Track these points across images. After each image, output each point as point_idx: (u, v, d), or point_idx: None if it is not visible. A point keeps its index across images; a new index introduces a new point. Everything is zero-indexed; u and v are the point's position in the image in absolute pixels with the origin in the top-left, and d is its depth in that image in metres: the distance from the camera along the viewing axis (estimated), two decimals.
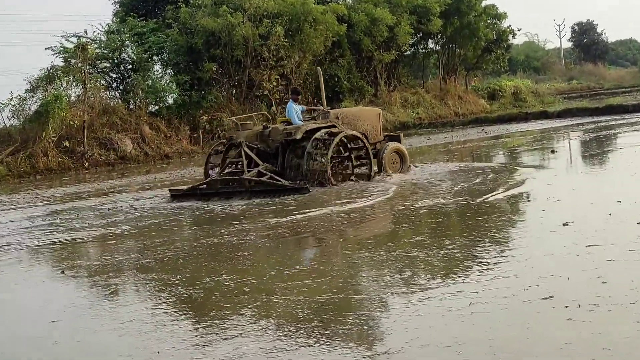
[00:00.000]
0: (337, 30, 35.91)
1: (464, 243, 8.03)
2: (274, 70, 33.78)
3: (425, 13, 41.59)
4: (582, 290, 5.70)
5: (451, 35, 45.40)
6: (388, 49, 40.68)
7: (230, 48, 32.71)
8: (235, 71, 34.11)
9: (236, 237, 9.83)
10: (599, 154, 16.88)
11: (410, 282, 6.66)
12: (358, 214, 11.05)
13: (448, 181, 13.95)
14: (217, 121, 31.95)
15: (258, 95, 33.92)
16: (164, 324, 6.13)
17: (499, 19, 47.53)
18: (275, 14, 33.53)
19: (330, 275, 7.14)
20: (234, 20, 31.93)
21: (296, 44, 34.41)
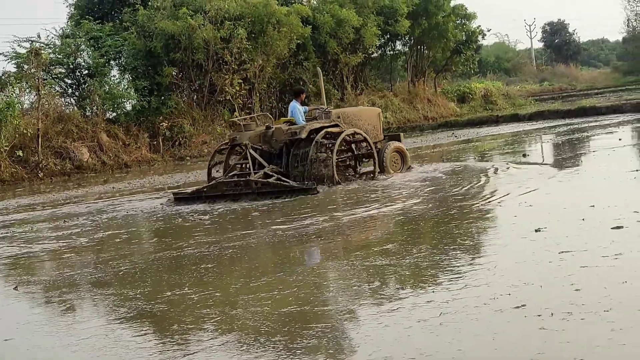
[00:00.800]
0: (301, 32, 35.89)
1: (435, 251, 8.04)
2: (237, 75, 33.70)
3: (392, 14, 41.73)
4: (555, 298, 5.71)
5: (419, 36, 45.59)
6: (354, 51, 40.75)
7: (190, 52, 32.62)
8: (196, 76, 34.02)
9: (198, 249, 9.78)
10: (572, 157, 17.02)
11: (378, 292, 6.66)
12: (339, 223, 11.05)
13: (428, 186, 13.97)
14: (178, 128, 31.82)
15: (220, 101, 33.83)
16: (123, 339, 6.08)
17: (468, 19, 47.81)
18: (238, 16, 33.47)
19: (296, 286, 7.12)
20: (194, 23, 31.84)
21: (259, 47, 34.36)
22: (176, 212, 14.05)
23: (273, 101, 37.57)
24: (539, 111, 33.71)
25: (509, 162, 16.68)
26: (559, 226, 8.60)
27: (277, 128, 16.03)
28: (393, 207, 11.83)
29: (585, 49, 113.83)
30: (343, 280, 7.32)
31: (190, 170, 24.57)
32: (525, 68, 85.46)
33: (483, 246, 8.24)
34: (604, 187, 11.61)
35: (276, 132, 15.87)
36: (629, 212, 8.53)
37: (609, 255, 6.75)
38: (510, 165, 16.19)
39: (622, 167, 13.27)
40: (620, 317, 5.11)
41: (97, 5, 38.15)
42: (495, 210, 10.70)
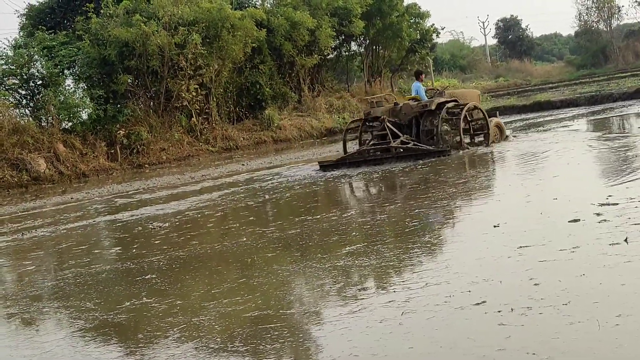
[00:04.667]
0: (256, 35, 35.83)
1: (396, 249, 8.06)
2: (193, 80, 33.55)
3: (346, 15, 41.84)
4: (514, 293, 5.75)
5: (374, 36, 45.78)
6: (310, 53, 40.79)
7: (145, 59, 32.42)
8: (152, 82, 33.82)
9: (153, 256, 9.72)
10: (530, 152, 17.16)
11: (341, 294, 6.66)
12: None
13: None
14: (135, 135, 31.57)
15: (177, 107, 33.66)
16: (84, 351, 6.02)
17: (422, 18, 48.11)
18: (191, 22, 33.32)
19: (259, 291, 7.11)
20: (148, 30, 31.65)
21: (214, 52, 34.24)
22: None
23: (230, 105, 37.50)
24: (495, 107, 33.87)
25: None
26: (518, 221, 8.65)
27: (405, 104, 19.10)
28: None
29: (539, 44, 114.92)
30: (307, 281, 7.32)
31: (150, 178, 24.42)
32: (480, 65, 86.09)
33: (443, 244, 8.27)
34: (564, 181, 11.69)
35: (404, 107, 18.86)
36: (586, 205, 8.61)
37: (566, 249, 6.80)
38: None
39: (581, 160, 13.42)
40: (578, 310, 5.16)
41: (49, 15, 37.86)
42: (455, 206, 10.74)
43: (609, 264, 6.11)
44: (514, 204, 10.20)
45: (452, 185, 12.72)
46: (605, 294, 5.41)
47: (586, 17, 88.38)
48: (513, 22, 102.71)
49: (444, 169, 15.51)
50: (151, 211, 15.05)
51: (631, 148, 14.55)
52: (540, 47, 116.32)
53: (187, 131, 34.21)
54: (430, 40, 49.95)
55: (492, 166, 15.83)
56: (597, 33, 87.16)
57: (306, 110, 40.74)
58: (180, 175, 23.85)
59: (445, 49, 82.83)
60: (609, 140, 16.09)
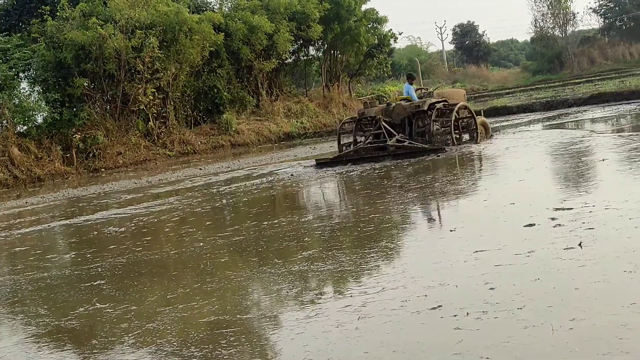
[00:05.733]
0: (214, 39, 35.73)
1: (353, 254, 8.06)
2: (150, 84, 33.37)
3: (304, 19, 41.86)
4: (470, 297, 5.78)
5: (332, 41, 45.83)
6: (268, 57, 40.76)
7: (102, 62, 32.19)
8: (109, 86, 33.57)
9: (108, 261, 9.64)
10: (487, 155, 17.29)
11: (298, 299, 6.65)
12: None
13: None
14: (91, 139, 31.31)
15: (134, 110, 33.45)
16: (37, 357, 5.95)
17: (380, 23, 48.24)
18: (149, 25, 33.14)
19: (216, 296, 7.07)
20: (104, 33, 31.44)
21: (172, 55, 34.07)
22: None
23: (188, 109, 37.35)
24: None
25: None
26: (475, 225, 8.71)
27: (397, 104, 19.81)
28: None
29: (495, 49, 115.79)
30: (264, 286, 7.30)
31: (106, 182, 24.21)
32: (437, 70, 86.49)
33: (401, 248, 8.29)
34: (521, 185, 11.79)
35: (397, 107, 19.58)
36: (542, 210, 8.69)
37: (521, 253, 6.85)
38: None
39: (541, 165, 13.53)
40: (532, 314, 5.20)
41: (4, 17, 37.39)
42: (411, 211, 10.78)
43: (563, 269, 6.17)
44: (472, 208, 10.26)
45: (416, 189, 12.76)
46: (559, 298, 5.46)
47: (542, 24, 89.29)
48: (470, 28, 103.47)
49: (420, 169, 15.67)
50: (107, 216, 14.92)
51: (589, 153, 14.73)
52: (497, 53, 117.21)
53: (144, 135, 34.00)
54: (388, 45, 50.08)
55: (465, 167, 15.87)
56: (553, 39, 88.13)
57: (264, 115, 40.70)
58: (137, 179, 23.68)
59: (403, 54, 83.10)
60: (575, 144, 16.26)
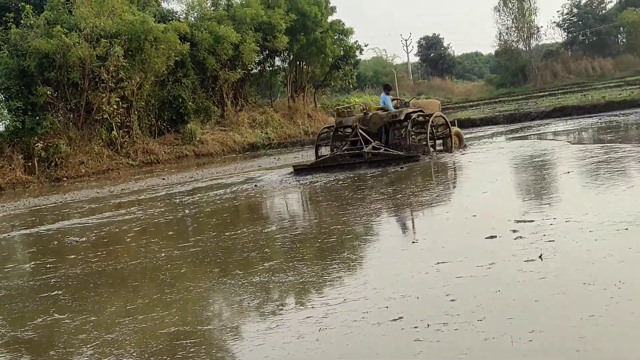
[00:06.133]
0: (179, 49, 35.67)
1: (315, 265, 8.04)
2: (114, 93, 33.21)
3: (270, 30, 41.91)
4: (431, 309, 5.78)
5: (298, 52, 45.94)
6: (234, 67, 40.75)
7: (65, 70, 31.96)
8: (72, 95, 33.32)
9: (67, 271, 9.53)
10: (457, 166, 17.40)
11: (259, 310, 6.61)
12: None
13: None
14: (54, 148, 31.05)
15: (97, 120, 33.25)
16: None
17: (346, 35, 48.45)
18: (114, 34, 32.99)
19: (176, 307, 7.01)
20: (69, 41, 31.23)
21: (137, 65, 33.94)
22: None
23: (152, 119, 37.20)
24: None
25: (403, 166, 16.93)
26: (437, 237, 8.73)
27: (374, 113, 20.36)
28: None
29: (460, 62, 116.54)
30: (226, 297, 7.26)
31: (68, 191, 23.99)
32: (402, 82, 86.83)
33: (363, 260, 8.27)
34: (483, 196, 11.84)
35: (374, 117, 20.14)
36: (503, 222, 8.73)
37: (482, 265, 6.87)
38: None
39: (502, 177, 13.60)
40: (492, 326, 5.21)
41: None
42: (374, 223, 10.77)
43: (523, 281, 6.19)
44: (435, 220, 10.29)
45: (380, 200, 12.78)
46: (519, 310, 5.48)
47: (506, 37, 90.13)
48: (435, 40, 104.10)
49: (386, 179, 15.72)
50: (68, 225, 14.78)
51: (555, 165, 14.85)
52: (461, 66, 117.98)
53: (107, 144, 33.80)
54: (353, 56, 50.30)
55: (433, 178, 15.90)
56: (517, 53, 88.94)
57: (229, 125, 40.66)
58: (99, 189, 23.51)
59: (369, 65, 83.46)
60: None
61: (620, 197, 9.64)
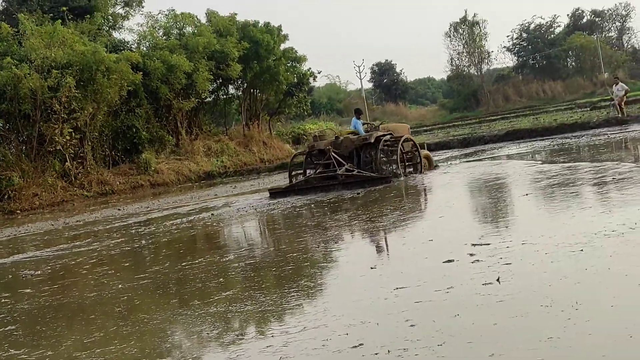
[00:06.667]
0: (132, 79, 35.56)
1: (274, 294, 8.02)
2: (67, 124, 32.95)
3: (223, 58, 41.95)
4: (391, 335, 5.79)
5: (252, 80, 46.02)
6: (187, 96, 40.71)
7: (17, 102, 31.70)
8: (24, 126, 33.03)
9: (22, 305, 9.40)
10: (422, 188, 17.53)
11: (219, 340, 6.57)
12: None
13: None
14: (6, 181, 30.67)
15: (51, 151, 32.92)
16: None
17: (299, 62, 48.67)
18: (65, 64, 32.80)
19: (134, 339, 6.94)
20: (19, 73, 31.00)
21: (89, 95, 33.76)
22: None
23: (106, 149, 36.97)
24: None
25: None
26: (395, 262, 8.77)
27: (346, 137, 21.06)
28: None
29: (413, 87, 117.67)
30: (184, 328, 7.20)
31: (22, 224, 23.69)
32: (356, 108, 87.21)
33: (322, 286, 8.26)
34: (441, 221, 11.93)
35: (345, 140, 20.80)
36: (460, 246, 8.78)
37: (441, 289, 6.90)
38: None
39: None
40: (452, 350, 5.23)
41: None
42: (332, 249, 10.77)
43: (481, 304, 6.23)
44: (393, 245, 10.33)
45: (336, 227, 12.80)
46: (478, 333, 5.51)
47: (458, 62, 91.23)
48: (388, 66, 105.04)
49: (346, 205, 15.80)
50: (22, 259, 14.59)
51: (514, 187, 15.02)
52: (415, 91, 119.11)
53: (61, 176, 33.47)
54: (307, 83, 50.53)
55: (394, 202, 15.89)
56: (469, 77, 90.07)
57: (184, 154, 40.52)
58: (54, 221, 23.24)
59: (323, 92, 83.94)
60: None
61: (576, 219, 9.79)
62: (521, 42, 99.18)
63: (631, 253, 7.22)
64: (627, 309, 5.60)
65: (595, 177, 14.24)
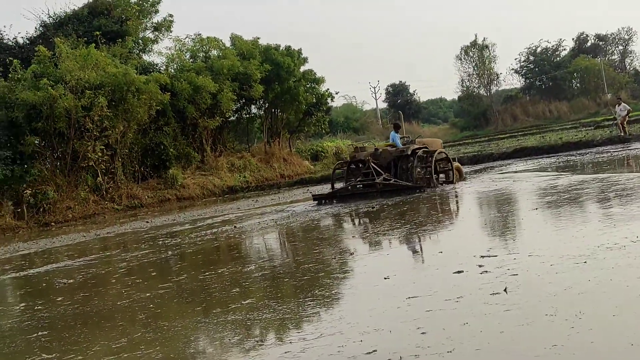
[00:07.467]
0: (160, 99, 35.75)
1: (292, 303, 8.00)
2: (99, 141, 33.16)
3: (246, 80, 42.09)
4: (403, 342, 5.76)
5: (273, 100, 46.17)
6: (212, 115, 40.85)
7: (52, 121, 31.92)
8: (59, 143, 33.26)
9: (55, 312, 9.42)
10: (446, 198, 17.51)
11: (240, 346, 6.55)
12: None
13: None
14: (42, 194, 30.87)
15: (83, 167, 33.12)
16: None
17: (318, 83, 48.75)
18: (98, 85, 33.03)
19: (159, 344, 6.93)
20: (55, 93, 31.20)
21: (120, 114, 33.97)
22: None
23: (135, 165, 37.12)
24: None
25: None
26: (407, 273, 8.73)
27: (384, 149, 22.04)
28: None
29: (425, 107, 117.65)
30: (207, 334, 7.19)
31: (56, 235, 23.80)
32: (372, 126, 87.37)
33: (337, 296, 8.23)
34: (449, 234, 11.89)
35: (384, 152, 21.85)
36: (469, 257, 8.75)
37: (451, 298, 6.87)
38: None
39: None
40: (461, 357, 5.19)
41: None
42: (348, 260, 10.75)
43: (489, 313, 6.19)
44: (405, 256, 10.31)
45: (349, 239, 12.78)
46: (486, 341, 5.48)
47: (468, 83, 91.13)
48: (401, 87, 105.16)
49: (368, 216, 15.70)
50: (56, 268, 14.63)
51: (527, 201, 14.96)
52: (427, 111, 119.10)
53: (92, 190, 33.65)
54: (325, 103, 50.55)
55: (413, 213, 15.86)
56: (478, 98, 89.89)
57: (209, 170, 40.61)
58: (86, 232, 23.33)
59: (340, 112, 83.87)
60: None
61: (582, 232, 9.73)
62: (528, 64, 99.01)
63: (632, 265, 7.17)
64: (628, 319, 5.56)
65: (601, 192, 14.17)
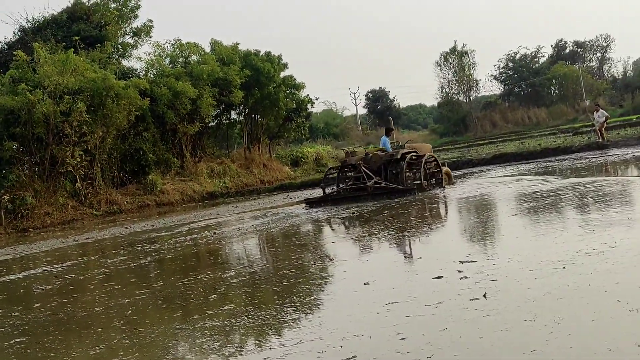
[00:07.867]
0: (140, 104, 35.69)
1: (272, 308, 7.98)
2: (77, 146, 33.02)
3: (226, 85, 42.06)
4: (383, 347, 5.75)
5: (253, 105, 46.14)
6: (192, 121, 40.80)
7: (30, 126, 31.75)
8: (37, 149, 33.08)
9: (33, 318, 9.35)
10: (433, 202, 17.50)
11: (219, 352, 6.52)
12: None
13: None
14: (20, 200, 30.67)
15: (62, 172, 32.94)
16: None
17: (298, 89, 48.79)
18: (77, 90, 32.92)
19: (137, 350, 6.88)
20: (33, 98, 31.05)
21: (99, 119, 33.86)
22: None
23: (114, 170, 36.98)
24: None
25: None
26: (387, 279, 8.72)
27: (374, 154, 22.56)
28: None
29: (405, 113, 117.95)
30: (184, 342, 7.15)
31: (34, 241, 23.63)
32: (352, 132, 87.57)
33: (317, 302, 8.22)
34: (431, 239, 11.91)
35: (374, 156, 22.28)
36: (449, 263, 8.76)
37: (430, 304, 6.87)
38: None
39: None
40: None
41: None
42: (328, 266, 10.73)
43: (469, 318, 6.19)
44: (385, 262, 10.30)
45: (327, 245, 12.77)
46: (465, 346, 5.47)
47: (447, 90, 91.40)
48: (381, 93, 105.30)
49: (347, 221, 15.64)
50: (34, 274, 14.53)
51: (492, 207, 14.99)
52: (407, 117, 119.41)
53: (71, 195, 33.47)
54: (305, 109, 50.58)
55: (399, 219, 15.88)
56: (458, 104, 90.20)
57: (188, 175, 40.52)
58: (65, 238, 23.18)
59: (320, 117, 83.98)
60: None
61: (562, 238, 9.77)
62: (507, 71, 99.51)
63: (611, 270, 7.20)
64: (606, 324, 5.58)
65: (580, 197, 14.24)
